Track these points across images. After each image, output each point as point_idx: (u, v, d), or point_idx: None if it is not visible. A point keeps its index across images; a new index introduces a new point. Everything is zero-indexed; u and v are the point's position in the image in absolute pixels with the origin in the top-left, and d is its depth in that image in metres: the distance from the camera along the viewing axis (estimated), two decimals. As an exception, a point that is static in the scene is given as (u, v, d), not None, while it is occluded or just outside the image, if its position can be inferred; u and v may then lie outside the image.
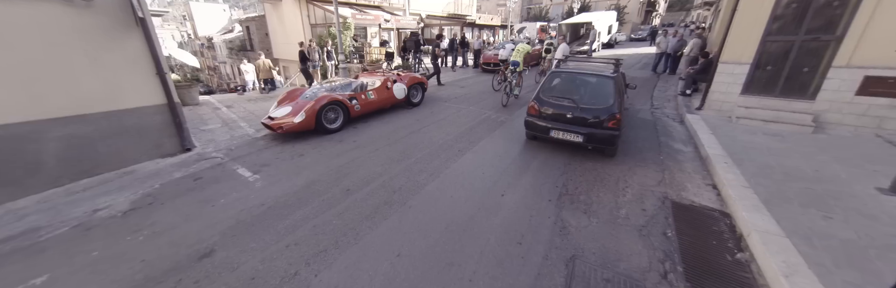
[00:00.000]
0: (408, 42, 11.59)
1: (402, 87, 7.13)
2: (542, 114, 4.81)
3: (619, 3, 31.32)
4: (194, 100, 8.03)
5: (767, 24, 5.69)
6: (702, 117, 6.36)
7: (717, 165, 4.28)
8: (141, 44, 4.48)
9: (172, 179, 4.22)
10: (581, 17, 19.78)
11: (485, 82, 10.67)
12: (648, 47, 22.13)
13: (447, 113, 7.10)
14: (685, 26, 43.13)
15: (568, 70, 5.16)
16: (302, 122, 5.37)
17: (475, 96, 8.64)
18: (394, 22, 18.15)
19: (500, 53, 10.45)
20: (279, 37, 22.31)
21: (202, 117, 7.00)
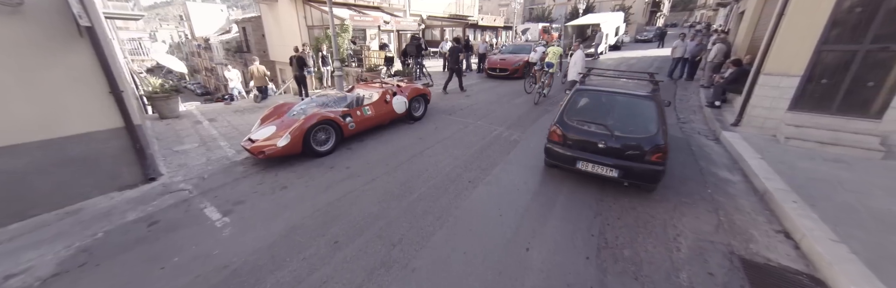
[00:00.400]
0: (408, 47, 10.80)
1: (403, 100, 6.35)
2: (567, 141, 4.01)
3: (624, 3, 30.48)
4: (174, 112, 7.25)
5: (824, 30, 4.91)
6: (742, 136, 5.58)
7: (784, 204, 3.50)
8: (88, 58, 3.70)
9: (122, 224, 3.44)
10: (587, 19, 18.98)
11: (492, 90, 9.88)
12: (657, 49, 21.34)
13: (453, 129, 6.32)
14: (690, 26, 42.28)
15: (597, 88, 4.37)
16: (286, 146, 4.60)
17: (482, 108, 7.86)
18: (394, 23, 17.37)
19: (531, 56, 10.37)
20: (275, 39, 21.51)
21: (179, 134, 6.22)
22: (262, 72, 9.47)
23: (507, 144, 5.51)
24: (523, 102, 8.32)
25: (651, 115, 3.76)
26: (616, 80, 5.07)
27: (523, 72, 11.63)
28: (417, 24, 18.79)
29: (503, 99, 8.73)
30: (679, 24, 53.55)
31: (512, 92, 9.57)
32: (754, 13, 8.43)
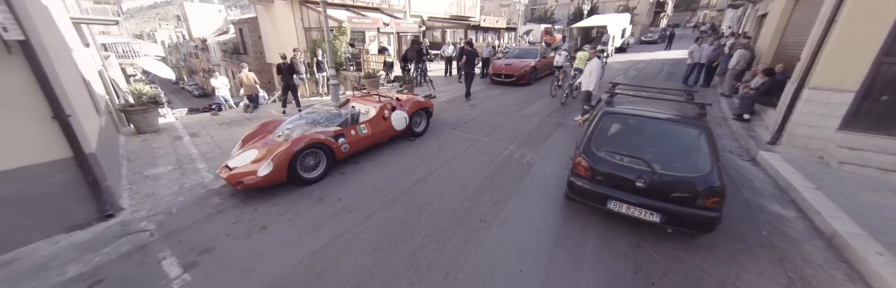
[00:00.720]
0: (408, 52, 10.13)
1: (403, 115, 5.70)
2: (596, 176, 3.35)
3: (628, 3, 29.78)
4: (153, 126, 6.60)
5: (886, 40, 4.26)
6: (783, 157, 4.93)
7: (867, 256, 2.86)
8: (21, 78, 3.04)
9: (57, 284, 2.80)
10: (594, 21, 18.30)
11: (497, 98, 9.21)
12: (664, 52, 20.68)
13: (458, 148, 5.66)
14: (694, 27, 41.56)
15: (629, 112, 3.70)
16: (268, 175, 3.95)
17: (489, 120, 7.21)
18: (393, 25, 16.70)
19: (556, 60, 10.70)
20: (272, 41, 20.83)
21: (154, 154, 5.57)
22: (252, 79, 8.82)
23: (519, 168, 4.86)
24: (533, 114, 7.66)
25: (702, 148, 3.11)
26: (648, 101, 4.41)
27: (530, 78, 10.99)
28: (418, 26, 18.11)
29: (511, 109, 8.07)
30: (682, 24, 52.89)
31: (519, 101, 8.91)
32: (781, 17, 7.77)
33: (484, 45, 12.45)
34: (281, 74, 7.74)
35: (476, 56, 8.81)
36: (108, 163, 4.09)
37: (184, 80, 52.88)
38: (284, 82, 7.80)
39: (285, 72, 7.63)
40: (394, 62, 11.81)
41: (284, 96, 7.99)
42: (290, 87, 7.85)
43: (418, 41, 10.06)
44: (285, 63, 7.71)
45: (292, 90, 7.92)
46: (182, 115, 8.20)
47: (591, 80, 6.89)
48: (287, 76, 7.67)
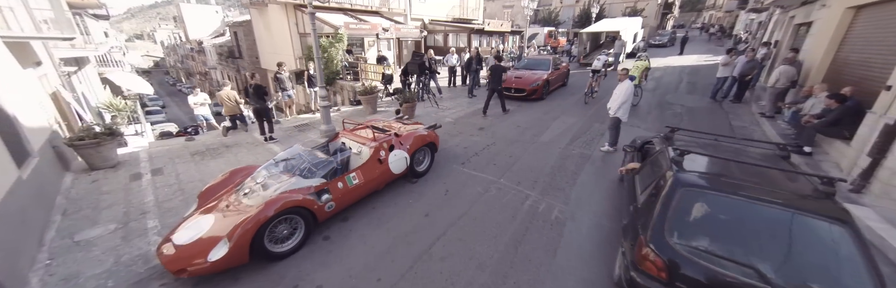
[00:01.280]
0: (410, 65, 9.07)
1: (403, 155, 4.67)
2: (676, 280, 2.32)
3: (636, 5, 28.63)
4: (108, 161, 5.57)
5: None
6: (881, 215, 3.90)
7: None
8: None
9: None
10: (605, 25, 17.18)
11: (509, 118, 8.16)
12: (677, 57, 19.59)
13: (469, 194, 4.64)
14: (702, 29, 40.35)
15: (719, 188, 2.64)
16: (222, 260, 2.92)
17: (502, 150, 6.18)
18: (393, 30, 15.64)
19: (593, 64, 10.35)
20: (266, 46, 19.79)
21: (99, 203, 4.54)
22: (234, 99, 7.77)
23: (548, 231, 3.82)
24: (552, 141, 6.63)
25: (851, 255, 2.08)
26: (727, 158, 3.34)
27: (542, 92, 9.94)
28: (419, 31, 17.04)
29: (526, 134, 7.03)
30: (687, 25, 51.69)
31: (534, 122, 7.87)
32: (836, 29, 6.71)
33: (491, 57, 11.36)
34: (248, 97, 6.62)
35: (503, 71, 8.04)
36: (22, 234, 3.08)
37: (181, 83, 51.88)
38: (253, 106, 6.65)
39: (253, 94, 6.51)
40: (393, 75, 10.76)
41: (260, 121, 6.87)
42: (260, 111, 6.71)
43: (420, 53, 9.01)
44: (252, 84, 6.54)
45: (264, 115, 6.78)
46: (152, 141, 7.18)
47: (622, 105, 5.84)
48: (256, 99, 6.55)
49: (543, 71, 10.32)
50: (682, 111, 8.74)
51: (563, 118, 8.18)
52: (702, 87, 11.81)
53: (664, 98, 10.16)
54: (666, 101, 9.76)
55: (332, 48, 13.63)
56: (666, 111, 8.74)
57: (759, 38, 13.51)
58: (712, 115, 8.36)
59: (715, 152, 3.45)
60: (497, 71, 7.92)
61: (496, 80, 7.94)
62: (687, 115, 8.33)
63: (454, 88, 12.29)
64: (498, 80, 7.94)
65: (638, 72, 8.63)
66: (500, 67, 8.00)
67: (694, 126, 7.51)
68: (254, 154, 6.32)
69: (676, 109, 8.94)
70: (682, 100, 9.89)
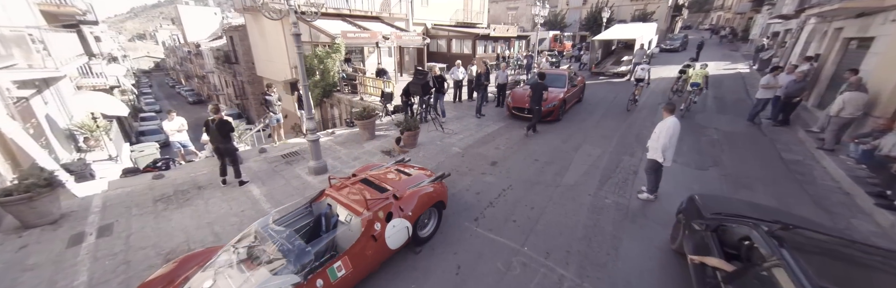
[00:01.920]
0: (411, 86, 8.01)
1: (405, 225, 3.65)
2: None
3: (646, 8, 27.42)
4: (46, 216, 4.57)
5: None
6: None
7: None
8: None
9: None
10: (619, 32, 16.02)
11: (525, 148, 7.11)
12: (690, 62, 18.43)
13: (487, 275, 3.61)
14: (711, 30, 39.05)
15: None
16: None
17: (521, 199, 5.15)
18: (394, 38, 14.57)
19: (637, 73, 10.58)
20: (261, 52, 18.75)
21: (14, 285, 3.55)
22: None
23: (601, 349, 2.81)
24: (579, 184, 5.58)
25: None
26: None
27: (559, 113, 8.89)
28: (422, 39, 15.97)
29: (546, 172, 5.99)
30: (694, 26, 50.36)
31: (554, 154, 6.82)
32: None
33: (500, 71, 10.32)
34: (209, 132, 5.51)
35: (544, 89, 7.56)
36: None
37: (181, 84, 50.91)
38: (215, 145, 5.55)
39: (216, 131, 5.39)
40: (394, 92, 9.73)
41: (222, 162, 5.74)
42: (224, 151, 5.58)
43: (423, 70, 7.95)
44: (216, 119, 5.40)
45: (228, 155, 5.66)
46: (113, 181, 6.20)
47: (667, 146, 4.79)
48: (218, 137, 5.42)
49: (559, 88, 9.24)
50: (719, 138, 7.68)
51: (586, 148, 7.14)
52: (731, 103, 10.75)
53: (695, 119, 9.09)
54: (697, 123, 8.70)
55: (329, 59, 12.61)
56: (701, 137, 7.69)
57: (789, 47, 12.37)
58: (756, 144, 7.29)
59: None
60: (538, 89, 7.44)
61: (536, 99, 7.53)
62: (726, 144, 7.27)
63: (459, 104, 11.25)
64: (538, 99, 7.51)
65: (700, 78, 8.98)
66: (542, 85, 7.48)
67: (738, 159, 6.48)
68: (228, 201, 5.31)
69: (712, 135, 7.89)
70: (714, 121, 8.82)
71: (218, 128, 5.30)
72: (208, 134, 5.44)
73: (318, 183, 5.83)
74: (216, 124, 5.30)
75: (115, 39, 49.19)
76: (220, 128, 5.31)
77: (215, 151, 5.57)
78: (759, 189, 5.36)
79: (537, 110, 7.69)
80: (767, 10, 23.52)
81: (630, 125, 8.56)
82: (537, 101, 7.55)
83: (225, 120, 5.41)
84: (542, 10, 12.58)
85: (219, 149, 5.48)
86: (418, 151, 7.07)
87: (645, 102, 10.90)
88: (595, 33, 29.08)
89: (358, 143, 7.93)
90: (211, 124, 5.32)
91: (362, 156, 7.03)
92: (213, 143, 5.46)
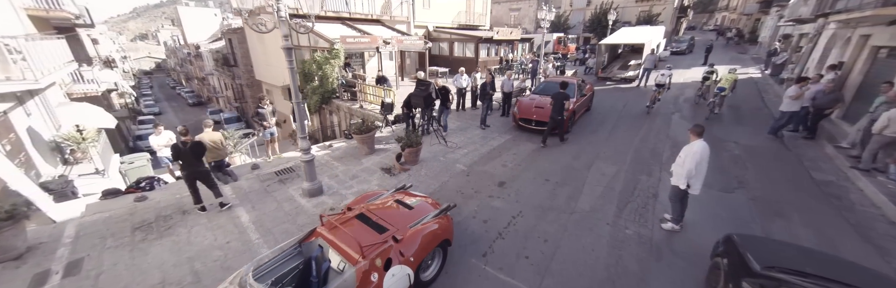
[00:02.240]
0: (413, 97, 7.54)
1: (406, 272, 3.20)
2: None
3: (651, 10, 26.84)
4: (10, 251, 4.10)
5: None
6: None
7: None
8: None
9: None
10: (628, 37, 15.43)
11: (534, 165, 6.64)
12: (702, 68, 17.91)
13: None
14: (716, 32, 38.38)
15: None
16: None
17: (532, 229, 4.68)
18: (395, 43, 14.10)
19: (657, 79, 10.57)
20: (260, 56, 18.31)
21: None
22: (218, 142, 6.32)
23: None
24: (596, 210, 5.10)
25: None
26: None
27: (568, 126, 8.41)
28: (423, 43, 15.49)
29: (558, 195, 5.52)
30: (698, 26, 49.70)
31: (565, 173, 6.34)
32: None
33: (506, 78, 9.83)
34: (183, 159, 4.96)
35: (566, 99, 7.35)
36: None
37: (181, 86, 50.51)
38: (186, 171, 5.02)
39: (189, 154, 4.89)
40: (394, 102, 9.25)
41: (193, 189, 5.17)
42: (198, 175, 5.09)
43: (426, 81, 7.46)
44: (186, 141, 4.94)
45: (202, 179, 5.16)
46: (91, 204, 5.75)
47: (691, 173, 4.29)
48: (192, 160, 4.93)
49: (568, 98, 8.74)
50: (741, 153, 7.19)
51: (600, 165, 6.65)
52: (748, 113, 10.24)
53: (712, 130, 8.59)
54: (715, 135, 8.20)
55: (328, 65, 12.14)
56: (722, 152, 7.19)
57: (805, 53, 11.84)
58: (781, 161, 6.80)
59: None
60: (560, 99, 7.23)
61: (558, 109, 7.33)
62: (750, 161, 6.77)
63: (462, 113, 10.77)
64: (560, 109, 7.32)
65: (728, 83, 9.42)
66: (564, 95, 7.24)
67: (765, 179, 6.01)
68: (213, 229, 4.85)
69: (732, 149, 7.40)
70: (732, 134, 8.32)
71: (192, 150, 4.83)
72: (180, 158, 4.93)
73: (312, 207, 5.37)
74: (189, 147, 4.84)
75: (116, 41, 48.86)
76: (194, 150, 4.85)
77: (186, 178, 5.06)
78: (794, 218, 4.87)
79: (560, 120, 7.52)
80: (777, 12, 22.96)
81: (643, 139, 8.06)
82: (559, 111, 7.34)
83: (198, 141, 4.96)
84: (549, 14, 12.06)
85: (192, 174, 4.99)
86: (420, 169, 6.61)
87: (657, 110, 10.40)
88: (599, 35, 28.59)
89: (356, 157, 7.47)
90: (182, 147, 4.85)
91: (361, 174, 6.57)
92: (186, 168, 4.96)
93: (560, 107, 7.28)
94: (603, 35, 28.12)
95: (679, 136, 8.21)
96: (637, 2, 28.19)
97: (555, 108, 7.35)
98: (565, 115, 8.14)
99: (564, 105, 7.29)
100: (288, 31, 4.80)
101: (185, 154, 4.84)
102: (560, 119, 7.48)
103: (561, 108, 7.30)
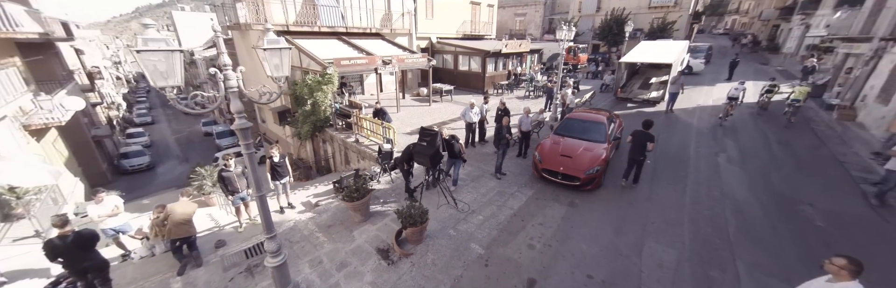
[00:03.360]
0: (417, 155, 6.04)
1: None
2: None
3: (666, 17, 25.23)
4: None
5: None
6: None
7: None
8: None
9: None
10: (651, 55, 13.69)
11: (570, 247, 5.19)
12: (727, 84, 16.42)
13: None
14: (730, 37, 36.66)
15: None
16: None
17: None
18: (396, 62, 12.63)
19: (732, 92, 11.05)
20: (249, 73, 16.84)
21: None
22: (188, 215, 4.97)
23: None
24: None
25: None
26: None
27: (601, 180, 6.98)
28: (427, 60, 14.01)
29: (612, 310, 4.10)
30: (707, 30, 47.97)
31: (609, 259, 4.90)
32: None
33: (523, 115, 8.38)
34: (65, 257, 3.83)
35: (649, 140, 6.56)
36: None
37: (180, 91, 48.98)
38: (72, 268, 3.89)
39: (72, 248, 3.74)
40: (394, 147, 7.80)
41: None
42: (91, 270, 3.93)
43: (431, 131, 6.01)
44: (66, 234, 3.80)
45: (96, 275, 3.97)
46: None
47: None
48: (79, 255, 3.81)
49: (599, 143, 7.29)
50: (824, 223, 5.73)
51: (652, 246, 5.21)
52: (806, 153, 8.69)
53: (770, 181, 7.15)
54: (780, 192, 6.74)
55: (320, 91, 10.70)
56: (795, 219, 5.76)
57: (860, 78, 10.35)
58: (889, 242, 5.32)
59: None
60: (640, 138, 6.62)
61: (639, 149, 6.70)
62: (841, 243, 5.31)
63: (472, 149, 9.32)
64: (641, 149, 6.68)
65: (802, 95, 10.44)
66: (647, 136, 6.59)
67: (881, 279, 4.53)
68: None
69: (809, 216, 5.94)
70: (802, 189, 6.84)
71: (75, 244, 3.67)
72: (62, 257, 3.72)
73: (281, 331, 3.95)
74: (71, 240, 3.65)
75: (111, 45, 47.38)
76: (78, 243, 3.67)
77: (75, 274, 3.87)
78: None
79: (641, 161, 6.88)
80: (802, 21, 21.37)
81: (694, 198, 6.61)
82: (641, 151, 6.69)
83: (81, 232, 3.75)
84: (569, 33, 10.58)
85: (83, 270, 3.76)
86: (426, 252, 5.18)
87: (699, 151, 8.95)
88: (610, 43, 26.99)
89: (347, 227, 6.04)
90: (60, 243, 3.66)
91: (351, 260, 5.14)
92: (70, 265, 3.76)
93: (642, 148, 6.64)
94: (614, 43, 26.56)
95: (735, 191, 6.78)
96: (650, 8, 26.57)
97: (635, 148, 6.74)
98: (599, 168, 6.74)
99: (647, 147, 6.57)
100: (241, 108, 3.38)
101: (67, 251, 3.63)
102: (642, 160, 6.85)
103: (643, 149, 6.63)
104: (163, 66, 2.61)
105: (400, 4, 15.92)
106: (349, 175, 7.46)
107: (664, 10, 25.87)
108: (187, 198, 4.99)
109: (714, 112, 12.22)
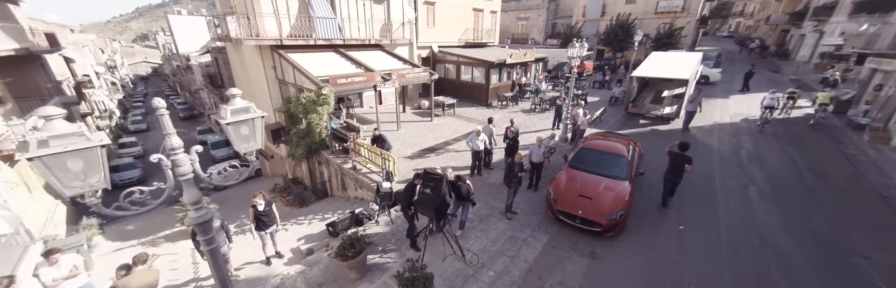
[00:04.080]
0: (419, 206, 5.29)
1: None
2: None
3: (674, 23, 24.40)
4: None
5: None
6: None
7: None
8: None
9: None
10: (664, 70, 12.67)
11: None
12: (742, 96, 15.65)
13: None
14: (736, 40, 35.85)
15: None
16: None
17: None
18: (396, 78, 11.86)
19: (767, 101, 11.35)
20: (243, 84, 16.03)
21: None
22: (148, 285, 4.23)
23: None
24: None
25: None
26: None
27: (624, 224, 6.22)
28: (428, 74, 13.23)
29: None
30: (711, 32, 47.14)
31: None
32: None
33: (535, 146, 7.62)
34: None
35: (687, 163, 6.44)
36: None
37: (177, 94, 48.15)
38: None
39: None
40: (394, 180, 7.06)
41: None
42: None
43: (435, 174, 5.26)
44: None
45: None
46: None
47: None
48: None
49: (620, 181, 6.52)
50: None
51: None
52: (846, 185, 7.88)
53: (812, 223, 6.39)
54: (827, 240, 5.98)
55: (315, 114, 9.93)
56: (851, 276, 5.02)
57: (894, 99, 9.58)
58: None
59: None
60: (679, 160, 6.52)
61: (676, 171, 6.60)
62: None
63: (478, 178, 8.56)
64: (679, 171, 6.57)
65: (827, 99, 11.28)
66: (683, 157, 6.48)
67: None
68: None
69: (870, 276, 5.17)
70: (852, 238, 6.05)
71: None
72: None
73: None
74: None
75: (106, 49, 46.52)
76: None
77: None
78: None
79: (677, 183, 6.78)
80: (816, 27, 20.57)
81: (731, 247, 5.86)
82: (679, 173, 6.60)
83: None
84: (581, 49, 9.78)
85: None
86: (431, 326, 4.43)
87: (727, 184, 8.19)
88: (615, 49, 26.18)
89: (341, 286, 5.29)
90: None
91: (343, 337, 4.39)
92: None
93: (680, 169, 6.53)
94: (619, 49, 25.75)
95: (776, 238, 6.02)
96: (657, 14, 25.74)
97: (673, 169, 6.65)
98: (623, 213, 5.98)
99: (685, 169, 6.43)
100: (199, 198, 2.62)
101: None
102: (678, 182, 6.74)
103: (681, 171, 6.53)
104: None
105: (400, 14, 15.12)
106: (345, 219, 6.69)
107: (672, 15, 25.04)
108: (143, 266, 4.23)
109: (733, 131, 11.46)
